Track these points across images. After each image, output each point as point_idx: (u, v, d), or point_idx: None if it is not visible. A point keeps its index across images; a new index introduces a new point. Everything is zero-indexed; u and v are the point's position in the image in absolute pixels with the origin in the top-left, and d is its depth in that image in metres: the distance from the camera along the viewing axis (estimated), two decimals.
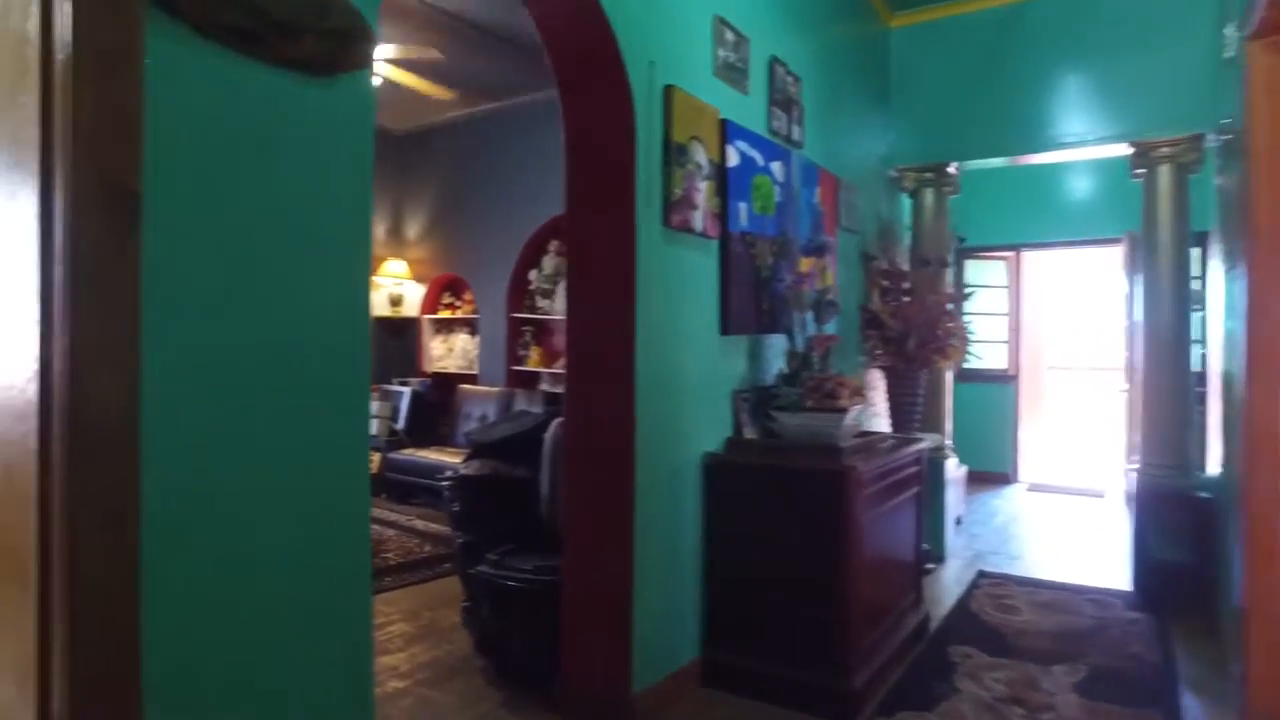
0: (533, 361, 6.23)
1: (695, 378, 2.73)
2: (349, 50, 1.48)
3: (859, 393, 2.83)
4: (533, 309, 6.29)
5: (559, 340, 6.28)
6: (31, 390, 1.21)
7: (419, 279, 7.04)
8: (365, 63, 1.54)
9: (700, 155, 2.69)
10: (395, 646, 3.18)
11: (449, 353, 6.94)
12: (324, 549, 1.54)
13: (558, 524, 2.96)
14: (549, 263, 6.19)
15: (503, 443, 3.31)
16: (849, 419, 2.76)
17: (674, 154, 2.55)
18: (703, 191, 2.70)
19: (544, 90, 5.95)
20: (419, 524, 5.23)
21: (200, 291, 1.34)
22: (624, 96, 2.41)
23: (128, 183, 1.24)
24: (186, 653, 1.33)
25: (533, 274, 6.28)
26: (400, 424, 6.27)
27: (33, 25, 1.25)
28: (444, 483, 3.35)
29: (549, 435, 3.02)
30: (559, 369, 6.06)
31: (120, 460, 1.23)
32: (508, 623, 2.91)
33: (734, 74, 2.97)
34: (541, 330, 6.36)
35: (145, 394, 1.24)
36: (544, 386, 6.14)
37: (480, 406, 6.06)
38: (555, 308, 6.12)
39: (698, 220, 2.68)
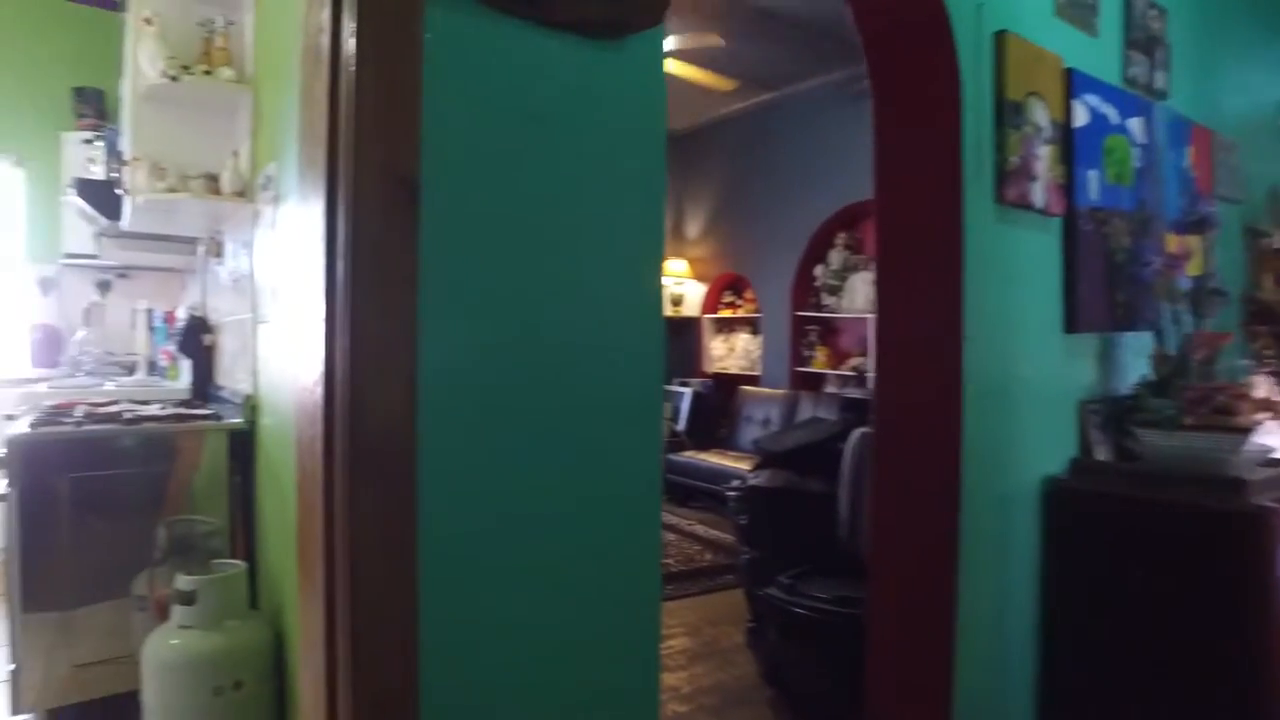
0: (818, 363, 5.87)
1: (1032, 384, 2.24)
2: (638, 8, 1.29)
3: (1270, 408, 2.15)
4: (818, 307, 5.93)
5: (846, 340, 5.87)
6: (319, 393, 1.17)
7: (699, 278, 7.00)
8: (656, 21, 1.34)
9: (1040, 115, 2.20)
10: (676, 664, 3.03)
11: (730, 353, 6.80)
12: (612, 559, 1.37)
13: (860, 548, 2.62)
14: (836, 257, 5.80)
15: (795, 452, 3.03)
16: (1253, 442, 2.10)
17: (1008, 114, 2.10)
18: (1043, 159, 2.21)
19: (826, 75, 5.58)
20: (699, 529, 5.12)
21: (478, 287, 1.21)
22: (945, 48, 2.01)
23: (406, 170, 1.14)
24: (464, 668, 1.22)
25: (818, 270, 5.92)
26: (680, 425, 6.24)
27: (326, 14, 1.21)
28: (730, 491, 3.14)
29: (850, 446, 2.69)
30: (847, 370, 5.64)
31: (398, 470, 1.13)
32: (801, 654, 2.63)
33: (1080, 11, 2.41)
34: (828, 329, 5.98)
35: (423, 397, 1.14)
36: (830, 389, 5.75)
37: (762, 409, 5.83)
38: (843, 305, 5.71)
39: (1037, 194, 2.19)
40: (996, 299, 2.11)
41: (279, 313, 2.05)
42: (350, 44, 1.13)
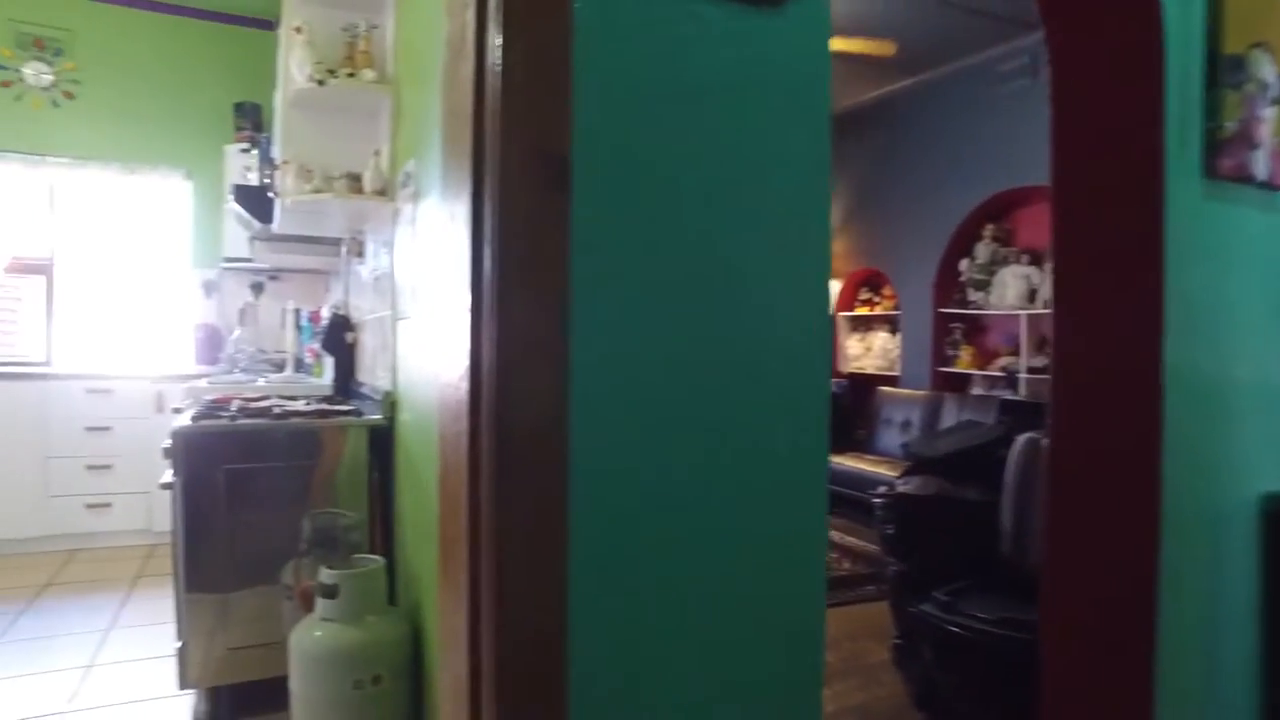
0: (963, 363, 5.49)
1: (1250, 387, 1.94)
2: None
3: None
4: (963, 303, 5.55)
5: (994, 338, 5.47)
6: (464, 388, 1.10)
7: (834, 274, 6.73)
8: None
9: (1266, 70, 1.89)
10: None
11: (866, 352, 6.49)
12: (772, 569, 1.25)
13: (1027, 563, 2.37)
14: (983, 250, 5.41)
15: (949, 457, 2.79)
16: None
17: (1224, 72, 1.81)
18: (1269, 122, 1.90)
19: (971, 55, 5.23)
20: (835, 535, 4.89)
21: (631, 275, 1.11)
22: None
23: (557, 148, 1.05)
24: (615, 672, 1.13)
25: (963, 264, 5.54)
26: None
27: None
28: (876, 499, 2.93)
29: (1015, 452, 2.44)
30: (995, 371, 5.25)
31: (548, 467, 1.05)
32: (960, 679, 2.40)
33: None
34: (974, 327, 5.59)
35: (573, 393, 1.04)
36: (977, 390, 5.37)
37: (902, 411, 5.51)
38: (990, 301, 5.32)
39: (1259, 164, 1.88)
40: (1205, 288, 1.83)
41: (419, 309, 2.04)
42: (497, 17, 1.05)
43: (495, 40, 1.05)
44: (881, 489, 2.98)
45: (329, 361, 3.40)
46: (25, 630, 3.18)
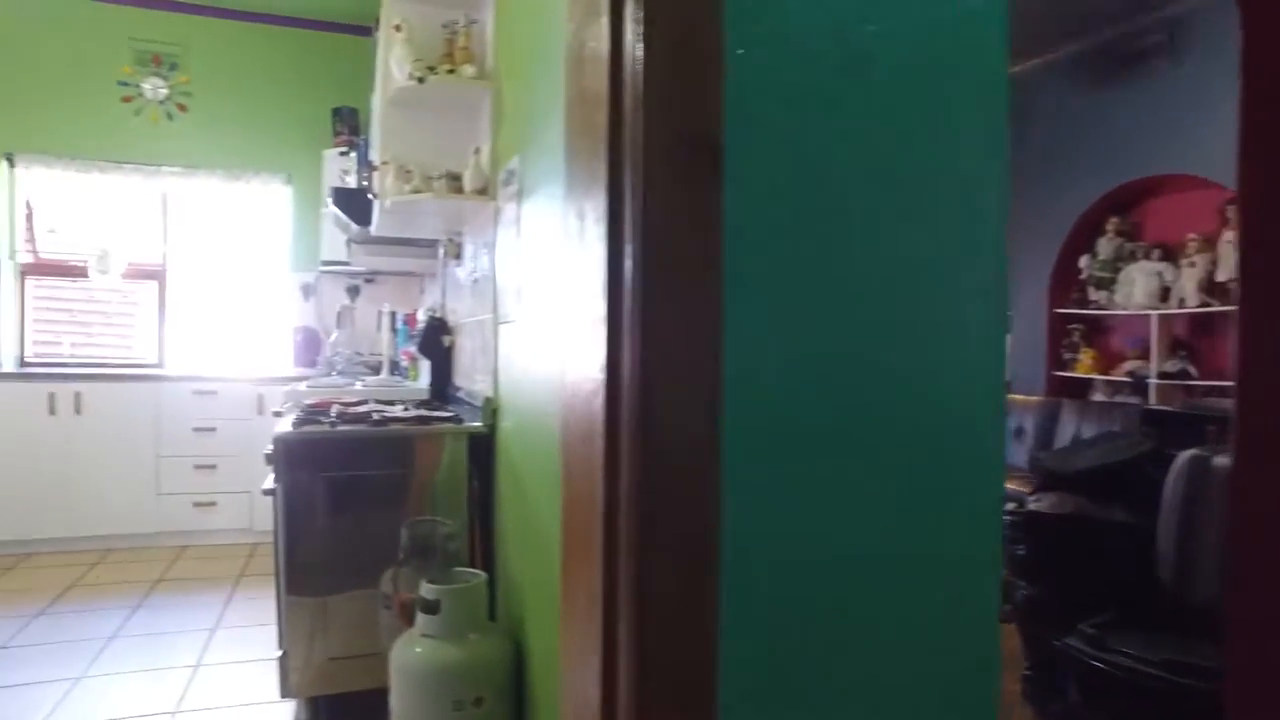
0: (1083, 366, 5.11)
1: None
2: None
3: None
4: (1083, 303, 5.17)
5: (1119, 340, 5.07)
6: (597, 404, 0.97)
7: None
8: None
9: None
10: None
11: None
12: (944, 604, 1.07)
13: (1194, 597, 2.11)
14: (1106, 246, 5.02)
15: (1089, 474, 2.54)
16: None
17: None
18: None
19: (1091, 35, 4.86)
20: None
21: (788, 276, 0.96)
22: None
23: (708, 129, 0.91)
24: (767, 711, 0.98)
25: (1083, 260, 5.16)
26: None
27: None
28: (1005, 516, 2.70)
29: (1176, 472, 2.18)
30: (1120, 376, 4.87)
31: (697, 492, 0.91)
32: None
33: None
34: (1095, 328, 5.20)
35: (725, 409, 0.90)
36: (1098, 396, 5.00)
37: (1014, 418, 5.17)
38: (1115, 300, 4.93)
39: None
40: None
41: (524, 312, 1.94)
42: None
43: (634, 9, 0.92)
44: (1010, 505, 2.74)
45: (425, 365, 3.36)
46: (139, 626, 3.25)
